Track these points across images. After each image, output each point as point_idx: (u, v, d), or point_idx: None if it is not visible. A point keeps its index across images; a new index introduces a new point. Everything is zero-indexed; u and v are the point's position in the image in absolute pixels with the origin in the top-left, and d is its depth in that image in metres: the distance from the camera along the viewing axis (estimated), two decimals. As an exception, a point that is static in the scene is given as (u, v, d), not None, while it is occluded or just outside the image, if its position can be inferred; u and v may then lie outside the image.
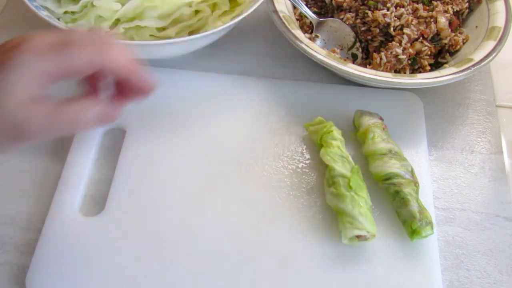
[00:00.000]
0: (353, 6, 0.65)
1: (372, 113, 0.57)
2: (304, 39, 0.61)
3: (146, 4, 0.60)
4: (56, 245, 0.49)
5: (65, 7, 0.62)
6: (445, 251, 0.52)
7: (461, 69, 0.58)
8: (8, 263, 0.50)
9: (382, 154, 0.53)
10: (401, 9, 0.63)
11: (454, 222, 0.54)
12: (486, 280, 0.50)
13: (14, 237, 0.51)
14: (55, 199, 0.52)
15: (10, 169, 0.56)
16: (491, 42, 0.61)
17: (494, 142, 0.61)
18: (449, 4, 0.66)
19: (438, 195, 0.56)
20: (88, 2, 0.61)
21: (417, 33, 0.62)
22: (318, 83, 0.64)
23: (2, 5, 0.73)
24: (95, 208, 0.53)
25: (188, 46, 0.62)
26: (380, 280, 0.48)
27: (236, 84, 0.63)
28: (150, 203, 0.52)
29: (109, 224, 0.51)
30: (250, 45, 0.69)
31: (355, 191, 0.50)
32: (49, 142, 0.58)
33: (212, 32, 0.58)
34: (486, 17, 0.65)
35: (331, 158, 0.52)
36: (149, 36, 0.62)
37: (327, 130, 0.54)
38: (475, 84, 0.66)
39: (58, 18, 0.62)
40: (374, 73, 0.58)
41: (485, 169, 0.58)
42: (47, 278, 0.48)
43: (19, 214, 0.53)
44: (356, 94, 0.62)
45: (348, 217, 0.49)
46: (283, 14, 0.63)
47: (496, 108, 0.64)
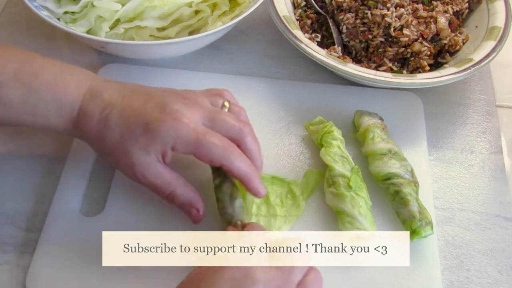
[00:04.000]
0: (353, 6, 0.65)
1: (372, 113, 0.57)
2: (304, 39, 0.61)
3: (146, 4, 0.60)
4: (56, 245, 0.49)
5: (65, 7, 0.62)
6: (445, 251, 0.52)
7: (461, 69, 0.58)
8: (8, 263, 0.50)
9: (382, 154, 0.53)
10: (401, 9, 0.63)
11: (454, 222, 0.54)
12: (486, 280, 0.50)
13: (14, 237, 0.51)
14: (55, 199, 0.52)
15: (10, 169, 0.56)
16: (491, 42, 0.61)
17: (494, 142, 0.61)
18: (449, 4, 0.66)
19: (438, 195, 0.56)
20: (88, 2, 0.61)
21: (417, 34, 0.62)
22: (318, 83, 0.64)
23: (2, 5, 0.73)
24: (95, 208, 0.53)
25: (188, 46, 0.62)
26: (380, 280, 0.48)
27: (236, 84, 0.62)
28: (150, 203, 0.52)
29: (109, 224, 0.51)
30: (250, 45, 0.69)
31: (355, 191, 0.50)
32: (49, 142, 0.58)
33: (212, 32, 0.58)
34: (486, 17, 0.65)
35: (331, 158, 0.52)
36: (149, 36, 0.63)
37: (328, 130, 0.55)
38: (475, 84, 0.66)
39: (58, 18, 0.62)
40: (374, 73, 0.58)
41: (485, 169, 0.58)
42: (47, 278, 0.48)
43: (19, 214, 0.53)
44: (356, 94, 0.62)
45: (348, 217, 0.49)
46: (283, 14, 0.63)
47: (496, 108, 0.64)
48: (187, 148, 0.44)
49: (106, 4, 0.60)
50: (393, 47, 0.63)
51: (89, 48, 0.66)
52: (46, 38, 0.68)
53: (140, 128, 0.44)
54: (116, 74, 0.62)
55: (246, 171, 0.46)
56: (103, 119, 0.45)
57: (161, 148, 0.44)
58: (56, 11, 0.61)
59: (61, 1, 0.63)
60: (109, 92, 0.46)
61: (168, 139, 0.44)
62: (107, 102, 0.46)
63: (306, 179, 0.54)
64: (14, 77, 0.45)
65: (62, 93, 0.46)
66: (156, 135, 0.44)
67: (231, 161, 0.45)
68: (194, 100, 0.47)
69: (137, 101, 0.46)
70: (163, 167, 0.46)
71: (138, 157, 0.45)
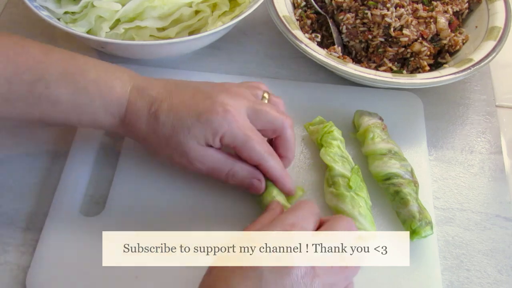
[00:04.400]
0: (353, 6, 0.65)
1: (371, 113, 0.57)
2: (304, 39, 0.61)
3: (146, 4, 0.60)
4: (56, 245, 0.49)
5: (65, 8, 0.62)
6: (445, 251, 0.52)
7: (461, 69, 0.58)
8: (8, 263, 0.50)
9: (382, 154, 0.53)
10: (401, 10, 0.63)
11: (454, 222, 0.54)
12: (486, 280, 0.50)
13: (14, 237, 0.51)
14: (55, 199, 0.52)
15: (10, 169, 0.56)
16: (491, 42, 0.61)
17: (493, 142, 0.61)
18: (449, 5, 0.66)
19: (438, 195, 0.56)
20: (89, 3, 0.61)
21: (417, 34, 0.62)
22: (318, 83, 0.64)
23: (2, 5, 0.73)
24: (95, 208, 0.53)
25: (188, 46, 0.62)
26: (380, 280, 0.48)
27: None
28: (150, 203, 0.52)
29: (109, 224, 0.51)
30: (250, 45, 0.69)
31: (355, 191, 0.50)
32: (49, 141, 0.58)
33: (212, 32, 0.58)
34: (486, 17, 0.65)
35: (331, 158, 0.52)
36: (149, 36, 0.63)
37: (328, 130, 0.55)
38: (475, 84, 0.66)
39: (58, 18, 0.62)
40: (374, 73, 0.58)
41: (484, 169, 0.58)
42: (47, 278, 0.48)
43: (19, 214, 0.53)
44: (356, 94, 0.62)
45: (348, 217, 0.49)
46: (283, 14, 0.63)
47: (496, 108, 0.64)
48: (234, 141, 0.46)
49: (106, 4, 0.60)
50: (393, 47, 0.63)
51: (89, 48, 0.66)
52: (46, 38, 0.68)
53: (192, 118, 0.46)
54: (116, 74, 0.62)
55: (279, 172, 0.49)
56: (153, 113, 0.47)
57: (212, 137, 0.46)
58: (56, 11, 0.61)
59: (61, 1, 0.63)
60: (155, 88, 0.48)
61: (219, 129, 0.46)
62: (154, 98, 0.47)
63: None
64: (61, 76, 0.46)
65: (108, 90, 0.47)
66: (208, 125, 0.46)
67: (268, 162, 0.48)
68: (237, 92, 0.49)
69: (186, 94, 0.48)
70: (216, 151, 0.48)
71: (192, 145, 0.46)
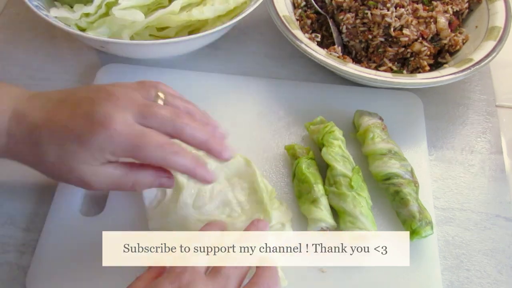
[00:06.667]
0: (353, 6, 0.65)
1: (372, 113, 0.57)
2: (304, 39, 0.61)
3: (170, 15, 0.60)
4: (56, 245, 0.49)
5: (79, 11, 0.61)
6: (445, 251, 0.52)
7: (461, 69, 0.58)
8: (8, 263, 0.50)
9: (382, 154, 0.53)
10: (401, 9, 0.63)
11: (454, 222, 0.54)
12: (486, 280, 0.50)
13: (14, 237, 0.51)
14: (55, 199, 0.52)
15: (10, 169, 0.56)
16: (491, 42, 0.61)
17: (494, 142, 0.61)
18: (449, 4, 0.66)
19: (438, 195, 0.56)
20: (102, 2, 0.60)
21: (417, 34, 0.62)
22: (318, 83, 0.64)
23: (2, 5, 0.73)
24: (95, 208, 0.53)
25: (188, 46, 0.62)
26: (380, 280, 0.48)
27: (236, 84, 0.63)
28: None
29: (109, 224, 0.51)
30: (250, 45, 0.69)
31: (356, 190, 0.50)
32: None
33: (212, 32, 0.58)
34: (486, 17, 0.65)
35: (332, 158, 0.52)
36: (149, 36, 0.63)
37: (329, 130, 0.55)
38: (475, 84, 0.66)
39: (75, 24, 0.61)
40: (374, 73, 0.58)
41: (485, 169, 0.58)
42: (47, 278, 0.48)
43: (19, 214, 0.53)
44: (356, 94, 0.62)
45: (350, 216, 0.49)
46: (283, 14, 0.63)
47: (496, 108, 0.64)
48: (125, 153, 0.42)
49: (129, 16, 0.59)
50: (393, 47, 0.63)
51: (89, 48, 0.66)
52: (46, 38, 0.68)
53: (74, 143, 0.42)
54: (116, 74, 0.62)
55: (188, 166, 0.43)
56: (35, 144, 0.43)
57: (100, 155, 0.42)
58: (71, 17, 0.60)
59: (74, 6, 0.62)
60: (35, 112, 0.44)
61: (104, 146, 0.42)
62: (34, 125, 0.43)
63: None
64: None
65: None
66: (91, 145, 0.42)
67: (171, 160, 0.43)
68: (123, 96, 0.44)
69: (65, 113, 0.43)
70: (113, 167, 0.44)
71: (84, 168, 0.43)
